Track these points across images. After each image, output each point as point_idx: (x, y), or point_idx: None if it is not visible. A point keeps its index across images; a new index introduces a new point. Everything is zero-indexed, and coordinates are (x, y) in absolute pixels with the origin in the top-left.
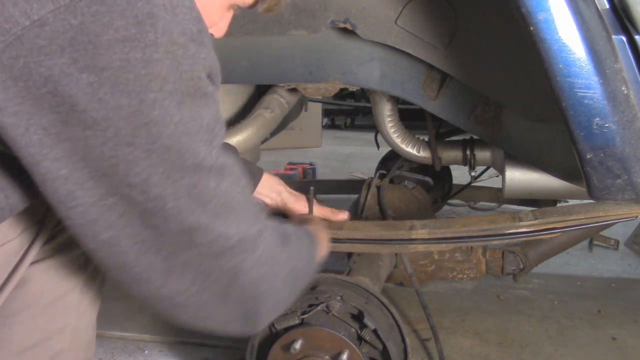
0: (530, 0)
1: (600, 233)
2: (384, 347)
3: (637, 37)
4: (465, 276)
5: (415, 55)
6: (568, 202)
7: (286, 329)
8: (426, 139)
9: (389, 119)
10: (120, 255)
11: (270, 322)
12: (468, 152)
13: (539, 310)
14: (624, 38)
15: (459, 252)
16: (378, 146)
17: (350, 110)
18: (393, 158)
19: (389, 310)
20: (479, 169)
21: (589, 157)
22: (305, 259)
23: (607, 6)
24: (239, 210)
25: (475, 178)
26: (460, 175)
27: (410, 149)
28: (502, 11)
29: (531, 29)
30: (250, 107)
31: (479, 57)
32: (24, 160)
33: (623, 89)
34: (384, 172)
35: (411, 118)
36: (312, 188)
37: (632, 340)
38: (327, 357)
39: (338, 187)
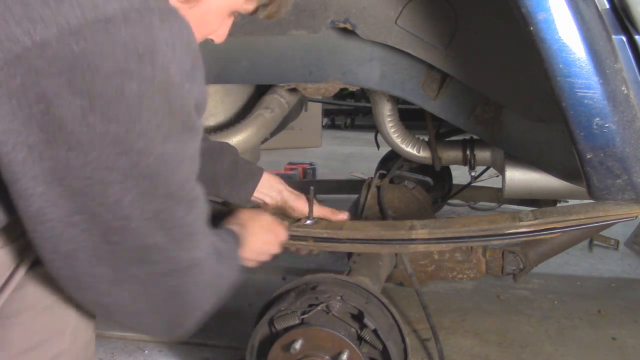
0: (530, 0)
1: (600, 233)
2: (384, 347)
3: (637, 37)
4: (465, 276)
5: (415, 55)
6: (568, 202)
7: (286, 329)
8: (426, 139)
9: (389, 119)
10: (76, 267)
11: (270, 322)
12: (468, 152)
13: (539, 310)
14: (624, 38)
15: (459, 252)
16: (378, 146)
17: (350, 110)
18: (393, 158)
19: (389, 310)
20: (479, 169)
21: (589, 157)
22: (233, 267)
23: (607, 6)
24: (197, 238)
25: (475, 178)
26: (460, 175)
27: (410, 149)
28: (502, 11)
29: (531, 29)
30: (250, 107)
31: (479, 57)
32: (4, 176)
33: (623, 89)
34: (384, 172)
35: (411, 118)
36: (312, 188)
37: (632, 340)
38: (327, 357)
39: (338, 187)
